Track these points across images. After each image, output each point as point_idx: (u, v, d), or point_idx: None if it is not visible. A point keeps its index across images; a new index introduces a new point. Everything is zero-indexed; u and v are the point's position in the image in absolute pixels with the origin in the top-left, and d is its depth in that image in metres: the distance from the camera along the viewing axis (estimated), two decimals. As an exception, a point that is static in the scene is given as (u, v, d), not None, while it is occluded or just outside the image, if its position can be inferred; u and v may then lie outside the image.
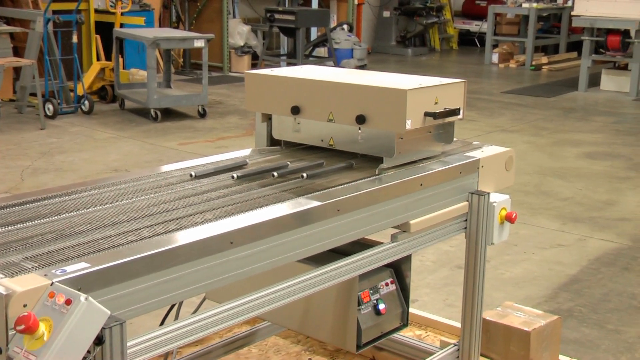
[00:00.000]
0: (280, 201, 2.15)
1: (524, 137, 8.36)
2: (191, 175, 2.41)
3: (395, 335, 2.93)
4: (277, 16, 11.40)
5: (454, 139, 2.73)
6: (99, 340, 1.54)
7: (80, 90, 9.15)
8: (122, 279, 1.67)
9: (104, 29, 10.68)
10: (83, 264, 1.64)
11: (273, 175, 2.39)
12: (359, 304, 2.51)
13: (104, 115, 9.18)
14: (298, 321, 2.65)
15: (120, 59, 10.10)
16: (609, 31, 11.39)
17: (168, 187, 2.31)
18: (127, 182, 2.35)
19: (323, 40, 12.55)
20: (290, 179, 2.39)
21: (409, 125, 2.40)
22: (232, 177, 2.38)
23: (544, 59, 14.55)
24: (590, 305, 4.13)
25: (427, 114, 2.45)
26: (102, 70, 9.80)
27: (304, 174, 2.38)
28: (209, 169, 2.49)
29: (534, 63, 14.23)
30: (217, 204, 2.12)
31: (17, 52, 9.50)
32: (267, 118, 2.79)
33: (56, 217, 2.00)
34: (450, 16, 17.13)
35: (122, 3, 10.46)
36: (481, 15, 16.73)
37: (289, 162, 2.55)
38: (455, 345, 2.87)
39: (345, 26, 13.72)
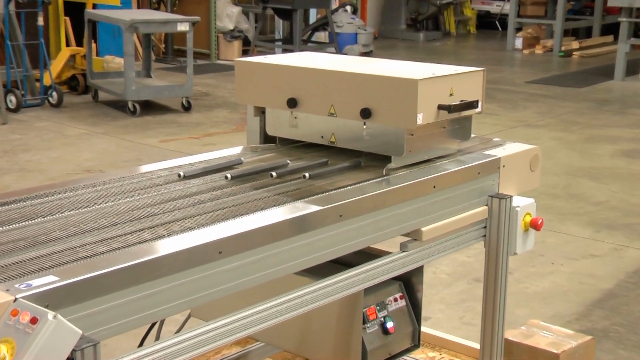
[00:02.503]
0: (276, 205, 2.16)
1: (552, 133, 8.37)
2: (179, 176, 2.42)
3: (405, 358, 2.93)
4: (271, -4, 11.40)
5: (472, 135, 2.74)
6: (69, 364, 1.55)
7: (47, 80, 9.16)
8: (96, 294, 1.68)
9: (75, 10, 10.69)
10: (51, 277, 1.64)
11: (271, 176, 2.40)
12: (364, 322, 2.52)
13: (75, 108, 9.19)
14: (295, 341, 2.66)
15: (93, 45, 10.10)
16: (650, 12, 11.39)
17: (153, 188, 2.32)
18: (107, 183, 2.36)
19: (323, 24, 12.56)
20: (290, 180, 2.40)
21: (420, 119, 2.40)
22: (226, 177, 2.39)
23: (575, 44, 14.56)
24: (628, 325, 4.13)
25: (441, 107, 2.46)
26: (73, 57, 9.81)
27: (306, 174, 2.39)
28: (199, 168, 2.50)
29: (563, 48, 14.24)
30: (208, 208, 2.13)
31: (-24, 36, 9.52)
32: (260, 112, 2.80)
33: (26, 223, 2.00)
34: (467, -5, 17.15)
35: (95, -19, 10.48)
36: (503, -5, 16.74)
37: (288, 161, 2.56)
38: (473, 368, 2.88)
39: (348, 7, 13.73)
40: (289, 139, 2.78)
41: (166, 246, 1.85)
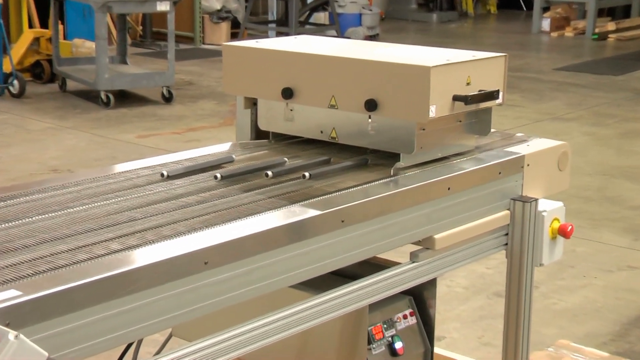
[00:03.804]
0: (270, 209, 2.17)
1: (583, 127, 8.38)
2: (162, 175, 2.44)
3: (417, 383, 2.94)
4: (263, -29, 11.42)
5: (492, 130, 2.75)
6: (34, 390, 1.55)
7: (7, 67, 9.16)
8: (65, 310, 1.68)
9: (40, -12, 10.70)
10: (13, 292, 1.65)
11: (266, 175, 2.41)
12: (369, 342, 2.52)
13: (40, 99, 9.19)
14: (291, 365, 2.67)
15: (60, 27, 10.11)
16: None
17: (133, 190, 2.33)
18: (80, 183, 2.37)
19: (323, 3, 12.57)
20: (287, 181, 2.41)
21: (433, 112, 2.41)
22: (215, 177, 2.41)
23: (611, 25, 14.57)
24: (669, 345, 4.14)
25: (456, 98, 2.47)
26: (36, 40, 9.81)
27: (306, 174, 2.40)
28: (185, 167, 2.51)
29: (596, 31, 14.25)
30: (194, 212, 2.14)
31: None
32: (252, 104, 2.80)
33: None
34: (488, -30, 17.18)
35: (62, -46, 10.49)
36: (528, -30, 16.76)
37: (286, 159, 2.57)
38: (493, 395, 2.89)
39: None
40: (283, 134, 2.79)
41: (145, 256, 1.86)
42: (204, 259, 1.91)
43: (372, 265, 2.49)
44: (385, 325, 2.58)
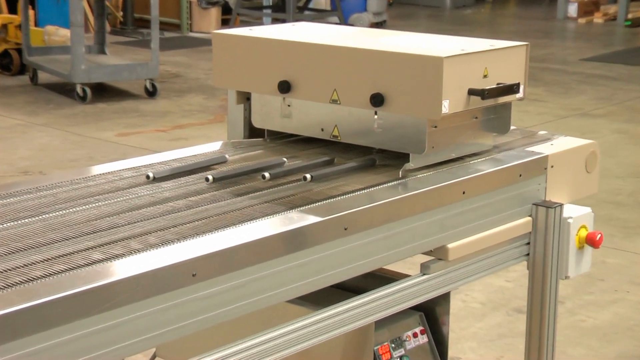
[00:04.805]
0: (265, 215, 2.18)
1: (614, 125, 8.38)
2: (148, 177, 2.44)
3: (428, 409, 2.95)
4: (257, -50, 11.43)
5: (512, 128, 2.76)
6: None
7: (-27, 58, 9.17)
8: (36, 328, 1.69)
9: (9, -31, 10.70)
10: (-19, 307, 1.66)
11: (263, 177, 2.41)
12: (375, 364, 2.53)
13: (8, 92, 9.19)
14: (288, 389, 2.67)
15: (31, 12, 10.11)
16: None
17: (116, 193, 2.34)
18: (57, 186, 2.37)
19: (324, -15, 12.56)
20: (286, 183, 2.42)
21: (446, 108, 2.42)
22: (207, 179, 2.41)
23: (644, 11, 14.55)
24: None
25: (472, 92, 2.47)
26: (4, 27, 9.81)
27: (308, 175, 2.41)
28: (173, 168, 2.52)
29: (629, 17, 14.25)
30: (183, 218, 2.15)
31: None
32: (245, 98, 2.81)
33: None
34: (507, -50, 17.19)
35: None
36: (553, -51, 16.76)
37: (285, 159, 2.57)
38: (514, 423, 2.89)
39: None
40: (280, 132, 2.80)
41: (127, 267, 1.86)
42: (192, 271, 1.91)
43: (379, 278, 2.50)
44: (393, 345, 2.58)
